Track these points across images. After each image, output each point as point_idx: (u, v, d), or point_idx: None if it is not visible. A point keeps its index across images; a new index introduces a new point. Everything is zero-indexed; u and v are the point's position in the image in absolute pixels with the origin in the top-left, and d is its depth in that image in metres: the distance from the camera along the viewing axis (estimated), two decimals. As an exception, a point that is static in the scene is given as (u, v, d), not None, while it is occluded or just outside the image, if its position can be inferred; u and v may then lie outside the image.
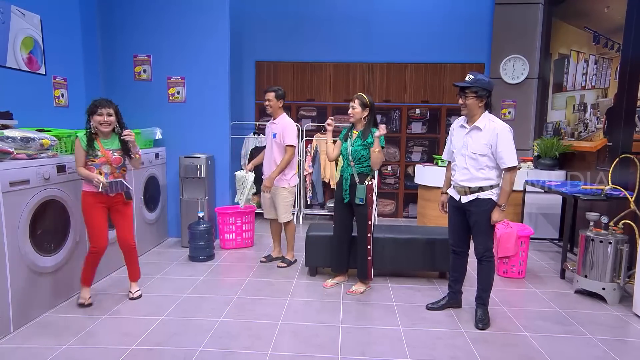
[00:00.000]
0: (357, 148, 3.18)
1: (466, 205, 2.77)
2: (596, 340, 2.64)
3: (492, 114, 2.76)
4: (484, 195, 2.71)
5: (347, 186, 3.24)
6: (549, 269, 3.96)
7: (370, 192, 3.19)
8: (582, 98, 4.56)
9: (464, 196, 2.77)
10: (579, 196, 3.59)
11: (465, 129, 2.77)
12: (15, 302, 2.59)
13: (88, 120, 2.85)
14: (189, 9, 4.45)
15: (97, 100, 2.88)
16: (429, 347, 2.52)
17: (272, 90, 3.74)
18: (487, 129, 2.66)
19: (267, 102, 3.73)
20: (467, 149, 2.73)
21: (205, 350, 2.43)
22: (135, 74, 4.57)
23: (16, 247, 2.58)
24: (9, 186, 2.52)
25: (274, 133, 3.74)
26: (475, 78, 2.65)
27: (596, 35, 4.34)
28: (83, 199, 2.88)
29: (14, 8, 3.44)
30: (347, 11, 5.79)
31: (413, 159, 6.01)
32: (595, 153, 4.29)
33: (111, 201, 2.93)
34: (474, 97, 2.65)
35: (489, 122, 2.68)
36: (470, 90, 2.65)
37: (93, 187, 2.84)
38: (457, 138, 2.83)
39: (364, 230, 3.23)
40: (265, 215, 3.98)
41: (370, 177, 3.22)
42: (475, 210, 2.73)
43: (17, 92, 3.47)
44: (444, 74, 5.86)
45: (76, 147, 2.83)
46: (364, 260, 3.28)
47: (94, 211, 2.87)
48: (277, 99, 3.73)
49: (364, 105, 3.20)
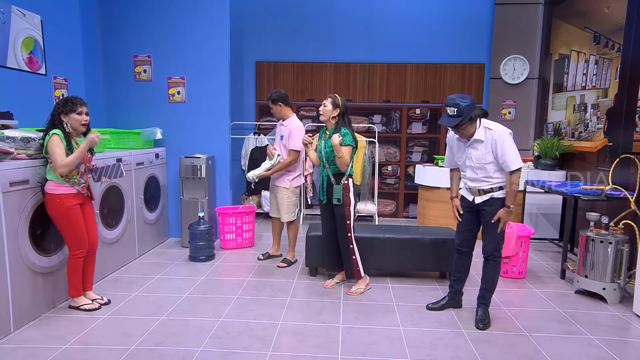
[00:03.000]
0: (329, 149, 3.16)
1: (480, 205, 2.77)
2: (597, 340, 2.64)
3: (488, 118, 2.73)
4: (498, 195, 2.71)
5: (324, 187, 3.25)
6: (549, 269, 3.96)
7: (347, 192, 3.17)
8: (583, 98, 4.56)
9: (477, 197, 2.77)
10: (580, 196, 3.58)
11: (464, 140, 2.76)
12: (15, 302, 2.59)
13: (59, 121, 2.67)
14: (189, 9, 4.45)
15: (73, 98, 2.71)
16: (429, 347, 2.52)
17: (269, 98, 3.78)
18: (487, 138, 2.65)
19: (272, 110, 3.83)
20: (472, 160, 2.73)
21: (205, 350, 2.43)
22: (136, 74, 4.57)
23: (16, 247, 2.58)
24: (9, 186, 2.51)
25: (282, 135, 3.78)
26: (460, 109, 2.52)
27: (596, 35, 4.34)
28: (60, 203, 2.69)
29: (14, 8, 3.44)
30: (347, 11, 5.79)
31: (413, 159, 6.01)
32: (595, 153, 4.28)
33: (83, 200, 2.83)
34: (468, 125, 2.63)
35: (486, 131, 2.66)
36: (463, 123, 2.59)
37: (71, 188, 2.72)
38: (459, 150, 2.83)
39: (344, 231, 3.21)
40: (270, 214, 4.03)
41: (347, 177, 3.19)
42: (489, 210, 2.73)
43: (18, 92, 3.47)
44: (445, 74, 5.86)
45: (55, 144, 2.61)
46: (348, 260, 3.27)
47: (76, 212, 2.75)
48: (274, 103, 3.76)
49: (335, 105, 3.18)
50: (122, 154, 3.74)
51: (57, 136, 2.64)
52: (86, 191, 2.86)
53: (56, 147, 2.62)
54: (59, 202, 2.70)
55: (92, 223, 2.94)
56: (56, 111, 2.70)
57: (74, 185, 2.74)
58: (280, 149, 3.80)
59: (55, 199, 2.69)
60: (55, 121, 2.69)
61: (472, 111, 2.57)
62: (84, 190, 2.83)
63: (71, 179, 2.72)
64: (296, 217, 3.91)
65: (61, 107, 2.69)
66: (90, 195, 2.92)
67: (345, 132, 3.13)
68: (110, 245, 3.57)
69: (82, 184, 2.79)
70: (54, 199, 2.69)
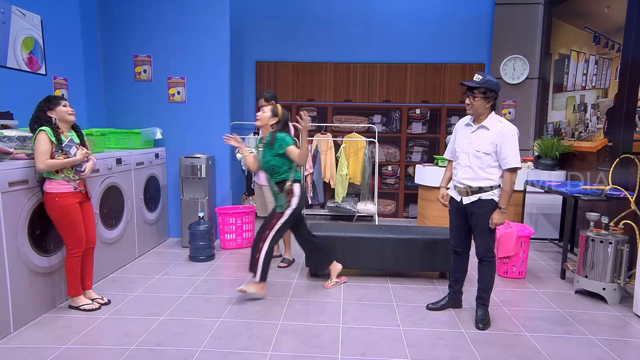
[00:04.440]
0: (268, 159, 3.12)
1: (468, 206, 2.76)
2: (597, 340, 2.63)
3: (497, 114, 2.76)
4: (486, 196, 2.70)
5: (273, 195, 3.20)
6: (549, 269, 3.96)
7: (290, 196, 3.11)
8: (583, 98, 4.56)
9: (465, 197, 2.77)
10: (580, 196, 3.58)
11: (471, 127, 2.77)
12: (15, 302, 2.59)
13: (45, 119, 2.65)
14: (189, 9, 4.45)
15: (51, 96, 2.76)
16: (429, 347, 2.52)
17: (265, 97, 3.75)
18: (494, 128, 2.66)
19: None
20: (471, 146, 2.72)
21: (205, 350, 2.43)
22: (136, 74, 4.57)
23: (15, 247, 2.58)
24: (8, 186, 2.51)
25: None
26: (484, 78, 2.63)
27: (596, 35, 4.34)
28: (59, 202, 2.68)
29: (14, 8, 3.44)
30: (347, 11, 5.79)
31: (413, 159, 6.01)
32: (595, 153, 4.28)
33: (81, 198, 2.84)
34: (482, 97, 2.64)
35: (497, 123, 2.67)
36: (478, 91, 2.64)
37: (69, 186, 2.72)
38: (462, 136, 2.82)
39: (266, 225, 3.10)
40: (259, 213, 4.04)
41: (291, 182, 3.12)
42: (477, 211, 2.72)
43: (18, 92, 3.47)
44: (444, 74, 5.86)
45: (42, 141, 2.58)
46: (254, 256, 3.08)
47: (74, 211, 2.75)
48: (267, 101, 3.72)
49: (274, 113, 3.16)
50: (122, 153, 3.74)
51: (44, 133, 2.61)
52: (83, 188, 2.85)
53: (41, 145, 2.59)
54: (58, 201, 2.69)
55: (90, 221, 2.95)
56: (41, 109, 2.68)
57: (70, 182, 2.73)
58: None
59: (54, 197, 2.69)
60: (41, 119, 2.66)
61: (492, 91, 2.63)
62: (81, 187, 2.82)
63: (65, 174, 2.71)
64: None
65: (46, 104, 2.69)
66: (86, 194, 2.91)
67: (282, 135, 3.09)
68: (110, 246, 3.56)
69: (77, 179, 2.78)
70: (53, 198, 2.69)
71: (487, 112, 2.70)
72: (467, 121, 2.82)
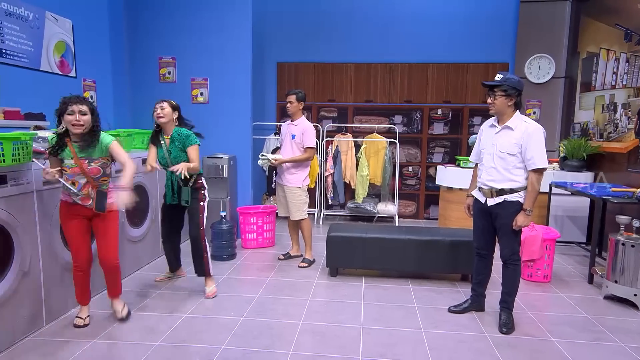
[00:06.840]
0: (177, 154, 3.11)
1: (492, 208, 2.72)
2: (628, 348, 2.55)
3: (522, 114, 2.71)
4: (511, 198, 2.65)
5: (174, 189, 3.19)
6: (576, 274, 3.86)
7: (199, 189, 3.17)
8: (612, 97, 4.42)
9: (490, 198, 2.72)
10: (609, 199, 3.48)
11: (495, 128, 2.73)
12: (47, 297, 2.69)
13: (59, 122, 2.45)
14: (212, 12, 4.53)
15: (66, 97, 2.42)
16: (451, 350, 2.49)
17: (294, 92, 3.82)
18: (519, 129, 2.61)
19: (288, 104, 3.82)
20: (496, 147, 2.68)
21: (227, 348, 2.47)
22: (161, 75, 4.68)
23: (48, 244, 2.68)
24: (42, 185, 2.61)
25: (293, 134, 3.81)
26: (504, 77, 2.61)
27: (628, 32, 4.20)
28: (59, 207, 2.61)
29: (48, 14, 3.58)
30: (368, 11, 5.77)
31: (434, 160, 5.95)
32: (625, 154, 4.14)
33: (89, 212, 2.57)
34: (503, 96, 2.61)
35: (521, 123, 2.63)
36: (499, 89, 2.61)
37: (67, 196, 2.55)
38: (486, 138, 2.79)
39: (197, 225, 3.15)
40: (280, 214, 4.07)
41: (196, 176, 3.16)
42: (502, 213, 2.68)
43: (50, 94, 3.59)
44: (467, 74, 5.77)
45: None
46: (200, 257, 3.18)
47: (68, 223, 2.56)
48: (298, 101, 3.82)
49: (173, 107, 3.16)
50: (147, 153, 3.81)
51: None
52: (90, 203, 2.53)
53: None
54: (59, 207, 2.63)
55: (102, 238, 2.63)
56: (56, 113, 2.47)
57: (72, 196, 2.52)
58: (291, 147, 3.83)
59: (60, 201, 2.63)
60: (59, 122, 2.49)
61: (513, 89, 2.59)
62: (85, 203, 2.53)
63: (63, 186, 2.49)
64: (306, 214, 3.93)
65: (59, 108, 2.43)
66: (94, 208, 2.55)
67: (187, 133, 3.10)
68: (135, 244, 3.66)
69: (80, 195, 2.51)
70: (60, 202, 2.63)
71: (510, 111, 2.65)
72: (492, 122, 2.78)
